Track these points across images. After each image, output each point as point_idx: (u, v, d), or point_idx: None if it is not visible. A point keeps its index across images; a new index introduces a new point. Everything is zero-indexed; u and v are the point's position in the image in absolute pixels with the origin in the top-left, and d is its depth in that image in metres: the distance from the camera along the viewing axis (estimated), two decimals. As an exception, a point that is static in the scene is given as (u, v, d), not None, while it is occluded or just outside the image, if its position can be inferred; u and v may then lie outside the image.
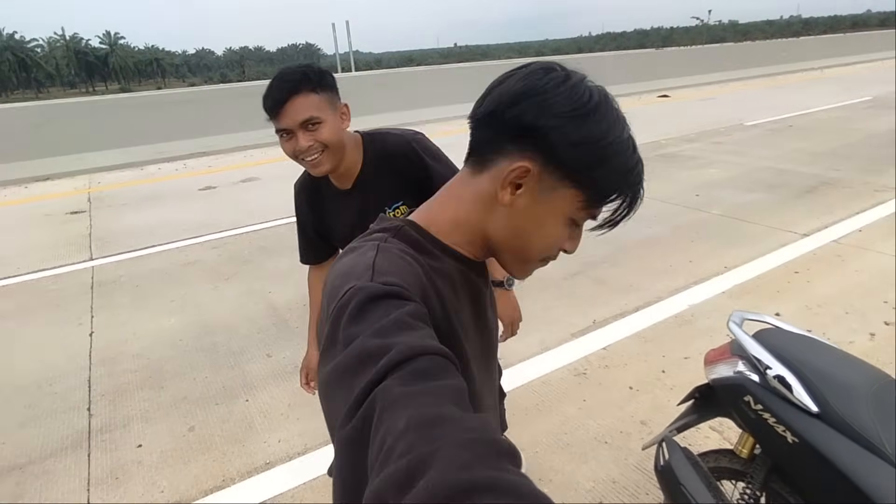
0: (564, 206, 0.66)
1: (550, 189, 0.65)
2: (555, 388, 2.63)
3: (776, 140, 8.21)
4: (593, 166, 0.63)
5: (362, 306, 0.56)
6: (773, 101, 12.44)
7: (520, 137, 0.64)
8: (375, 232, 0.70)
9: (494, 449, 0.43)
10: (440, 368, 0.51)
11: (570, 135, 0.62)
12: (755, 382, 1.30)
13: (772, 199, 5.37)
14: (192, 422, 2.60)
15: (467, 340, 0.71)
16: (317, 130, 1.28)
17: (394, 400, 0.46)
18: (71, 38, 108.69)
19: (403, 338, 0.52)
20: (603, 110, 0.64)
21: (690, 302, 3.38)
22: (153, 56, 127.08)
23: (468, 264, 0.74)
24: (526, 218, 0.67)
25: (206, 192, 7.12)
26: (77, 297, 4.09)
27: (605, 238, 3.36)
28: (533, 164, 0.64)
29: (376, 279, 0.59)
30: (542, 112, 0.62)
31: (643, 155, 0.70)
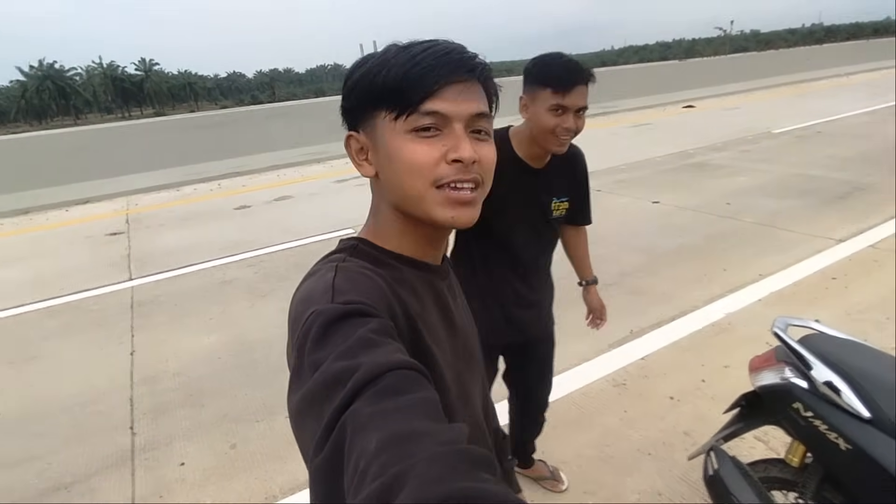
0: (388, 129, 0.66)
1: (372, 129, 0.68)
2: (595, 400, 2.61)
3: (805, 147, 8.06)
4: (370, 84, 0.66)
5: (325, 330, 0.55)
6: (799, 108, 12.24)
7: (347, 126, 0.72)
8: (332, 254, 0.72)
9: (468, 459, 0.42)
10: (409, 382, 0.50)
11: (346, 88, 0.69)
12: (804, 389, 1.28)
13: (804, 205, 5.27)
14: (234, 439, 2.64)
15: (438, 346, 0.70)
16: (580, 118, 1.46)
17: (364, 422, 0.46)
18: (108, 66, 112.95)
19: (369, 356, 0.51)
20: (378, 53, 0.68)
21: (727, 310, 3.33)
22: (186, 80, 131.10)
23: (428, 269, 0.74)
24: (384, 167, 0.68)
25: (241, 211, 7.29)
26: (118, 316, 4.22)
27: (638, 247, 3.38)
28: (353, 129, 0.70)
29: (337, 300, 0.59)
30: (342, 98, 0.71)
31: (673, 165, 0.71)
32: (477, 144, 0.66)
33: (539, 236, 1.70)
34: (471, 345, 0.82)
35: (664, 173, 7.21)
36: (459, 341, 0.77)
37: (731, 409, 1.56)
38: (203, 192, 8.90)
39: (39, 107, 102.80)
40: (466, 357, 0.79)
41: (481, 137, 0.67)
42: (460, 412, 0.72)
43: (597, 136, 10.94)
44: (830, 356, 1.27)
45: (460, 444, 0.44)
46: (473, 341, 0.83)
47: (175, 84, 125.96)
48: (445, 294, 0.76)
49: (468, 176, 0.65)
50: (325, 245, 4.40)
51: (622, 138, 10.50)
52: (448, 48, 0.65)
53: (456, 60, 0.64)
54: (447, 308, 0.76)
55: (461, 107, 0.64)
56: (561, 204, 1.66)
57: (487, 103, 0.69)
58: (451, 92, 0.63)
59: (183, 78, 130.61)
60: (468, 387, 0.77)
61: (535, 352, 1.88)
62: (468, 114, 0.65)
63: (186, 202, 8.25)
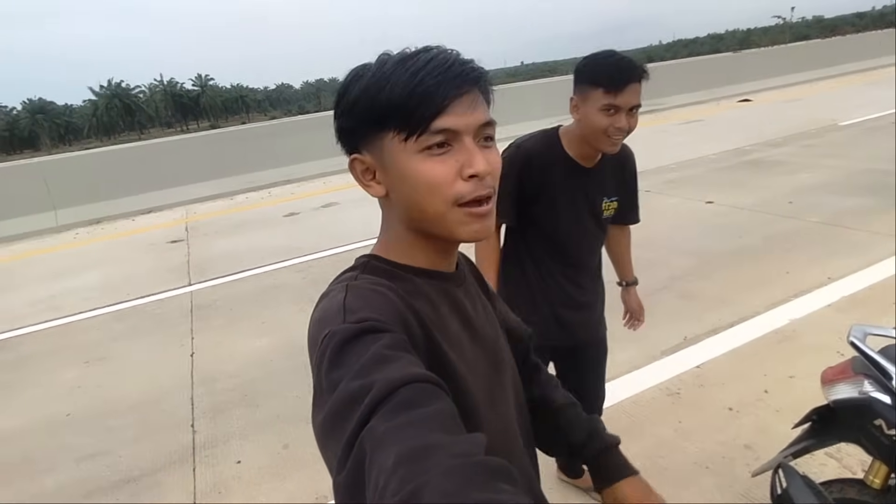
0: (397, 149, 0.64)
1: (380, 150, 0.66)
2: (646, 409, 2.52)
3: (877, 139, 7.55)
4: (372, 103, 0.64)
5: (339, 350, 0.56)
6: (870, 97, 11.48)
7: (343, 147, 0.71)
8: (346, 272, 0.72)
9: (485, 470, 0.43)
10: (424, 395, 0.50)
11: (344, 107, 0.67)
12: (886, 404, 1.18)
13: (877, 203, 4.92)
14: (286, 439, 2.71)
15: (460, 355, 0.70)
16: (633, 117, 1.44)
17: (381, 438, 0.46)
18: (168, 83, 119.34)
19: (384, 373, 0.52)
20: (370, 66, 0.66)
21: (792, 316, 3.14)
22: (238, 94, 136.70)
23: (442, 277, 0.74)
24: (397, 187, 0.67)
25: (290, 218, 7.50)
26: (179, 319, 4.41)
27: (689, 250, 3.25)
28: (357, 151, 0.69)
29: (348, 319, 0.59)
30: (334, 118, 0.70)
31: (727, 163, 0.66)
32: (485, 153, 0.66)
33: (590, 237, 1.68)
34: (497, 349, 0.81)
35: (718, 172, 6.92)
36: (488, 348, 0.77)
37: (800, 424, 1.46)
38: (255, 200, 9.21)
39: (108, 123, 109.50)
40: (494, 362, 0.79)
41: (487, 144, 0.68)
42: (487, 419, 0.71)
43: (643, 135, 10.53)
44: None
45: (476, 455, 0.45)
46: (499, 345, 0.82)
47: (228, 97, 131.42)
48: (463, 300, 0.76)
49: (485, 191, 0.66)
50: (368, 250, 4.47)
51: (671, 136, 10.15)
52: (447, 60, 0.64)
53: (459, 73, 0.63)
54: (466, 314, 0.76)
55: (469, 119, 0.64)
56: (611, 204, 1.65)
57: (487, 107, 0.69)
58: (459, 106, 0.63)
59: (235, 91, 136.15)
60: (496, 393, 0.77)
61: (584, 356, 1.84)
62: (476, 125, 0.65)
63: (240, 210, 8.55)
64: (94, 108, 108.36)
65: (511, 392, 0.82)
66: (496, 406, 0.76)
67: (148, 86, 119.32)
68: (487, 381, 0.75)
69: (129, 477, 2.59)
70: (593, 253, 1.71)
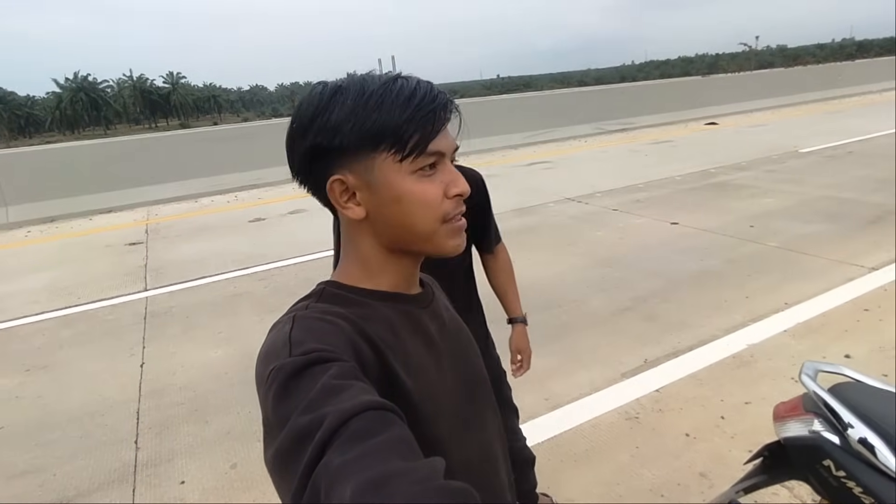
0: (391, 170, 0.66)
1: (369, 171, 0.66)
2: (605, 433, 2.50)
3: (835, 167, 7.83)
4: (368, 123, 0.64)
5: (286, 384, 0.55)
6: (829, 126, 11.95)
7: (312, 167, 0.68)
8: (300, 301, 0.71)
9: (446, 494, 0.43)
10: (378, 423, 0.50)
11: (328, 126, 0.65)
12: (835, 445, 1.17)
13: (834, 229, 5.08)
14: (235, 458, 2.60)
15: (422, 379, 0.69)
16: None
17: (336, 473, 0.45)
18: (138, 79, 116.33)
19: (333, 405, 0.51)
20: (345, 86, 0.66)
21: (749, 341, 3.18)
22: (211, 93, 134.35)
23: (403, 300, 0.73)
24: (387, 207, 0.67)
25: (255, 224, 7.33)
26: (131, 327, 4.23)
27: (654, 271, 3.26)
28: (337, 171, 0.67)
29: (294, 352, 0.58)
30: (303, 135, 0.67)
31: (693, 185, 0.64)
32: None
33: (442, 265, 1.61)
34: (470, 371, 0.80)
35: (684, 193, 7.05)
36: (454, 369, 0.76)
37: (752, 460, 1.45)
38: (220, 203, 8.99)
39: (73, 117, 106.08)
40: (466, 383, 0.77)
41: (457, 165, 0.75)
42: (453, 443, 0.70)
43: (615, 154, 10.82)
44: (866, 409, 1.16)
45: (435, 480, 0.44)
46: (473, 367, 0.81)
47: (200, 97, 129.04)
48: (427, 323, 0.75)
49: (462, 208, 0.71)
50: (334, 264, 4.22)
51: (641, 156, 10.35)
52: (432, 89, 0.67)
53: (444, 102, 0.67)
54: (430, 337, 0.74)
55: (450, 144, 0.69)
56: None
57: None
58: (444, 132, 0.68)
59: (208, 91, 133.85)
60: (468, 416, 0.76)
61: None
62: (453, 149, 0.70)
63: (204, 213, 8.34)
64: (57, 100, 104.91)
65: (488, 414, 0.81)
66: (469, 430, 0.75)
67: (116, 81, 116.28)
68: (456, 405, 0.74)
69: (63, 497, 2.44)
70: (455, 274, 1.59)
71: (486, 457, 0.78)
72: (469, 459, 0.73)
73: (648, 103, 15.30)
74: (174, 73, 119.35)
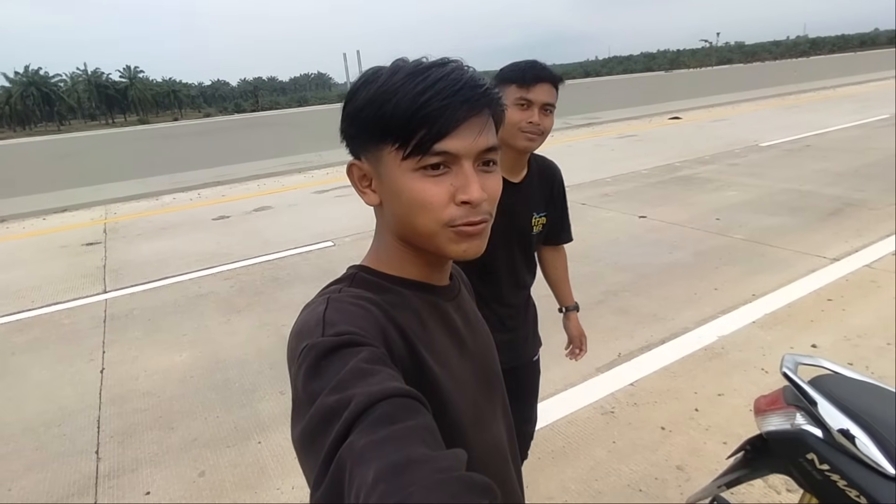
0: (393, 164, 0.64)
1: (378, 161, 0.66)
2: (582, 429, 2.49)
3: (794, 161, 8.07)
4: (376, 115, 0.63)
5: (318, 363, 0.56)
6: (787, 120, 12.33)
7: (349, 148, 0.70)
8: (332, 284, 0.71)
9: (467, 485, 0.43)
10: (404, 410, 0.50)
11: (349, 112, 0.66)
12: (818, 438, 1.17)
13: (796, 222, 5.23)
14: (203, 466, 2.50)
15: (445, 368, 0.69)
16: (547, 116, 1.45)
17: (360, 454, 0.46)
18: (93, 73, 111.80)
19: (362, 387, 0.51)
20: (382, 73, 0.64)
21: (720, 333, 3.23)
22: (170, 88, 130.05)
23: (432, 291, 0.73)
24: (390, 200, 0.67)
25: (220, 222, 7.12)
26: (90, 331, 4.04)
27: (624, 265, 3.24)
28: (356, 157, 0.68)
29: (327, 332, 0.59)
30: (341, 118, 0.68)
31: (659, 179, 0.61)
32: (484, 178, 0.65)
33: (519, 253, 1.61)
34: (487, 365, 0.80)
35: (651, 187, 7.16)
36: (473, 362, 0.76)
37: (734, 454, 1.45)
38: (182, 201, 8.71)
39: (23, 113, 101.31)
40: (483, 379, 0.78)
41: (489, 169, 0.66)
42: (472, 435, 0.70)
43: (583, 148, 10.92)
44: (847, 402, 1.16)
45: (458, 470, 0.44)
46: (490, 362, 0.82)
47: (159, 92, 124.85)
48: (453, 315, 0.75)
49: (478, 217, 0.64)
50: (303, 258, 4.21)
51: (607, 150, 10.48)
52: (459, 79, 0.62)
53: (468, 97, 0.62)
54: (455, 329, 0.75)
55: (471, 144, 0.63)
56: (539, 219, 1.61)
57: (496, 130, 0.67)
58: (463, 130, 0.62)
59: (167, 86, 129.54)
60: (484, 409, 0.76)
61: (516, 379, 1.75)
62: (477, 150, 0.63)
63: (166, 211, 8.06)
64: (7, 95, 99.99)
65: (500, 410, 0.82)
66: (483, 423, 0.75)
67: (70, 75, 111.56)
68: (475, 398, 0.74)
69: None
70: (521, 271, 1.64)
71: (499, 450, 0.78)
72: (486, 451, 0.74)
73: (613, 98, 15.51)
74: (131, 68, 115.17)
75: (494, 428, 0.78)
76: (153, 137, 11.02)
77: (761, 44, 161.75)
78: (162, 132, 11.50)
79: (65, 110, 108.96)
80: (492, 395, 0.79)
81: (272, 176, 9.96)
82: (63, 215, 8.32)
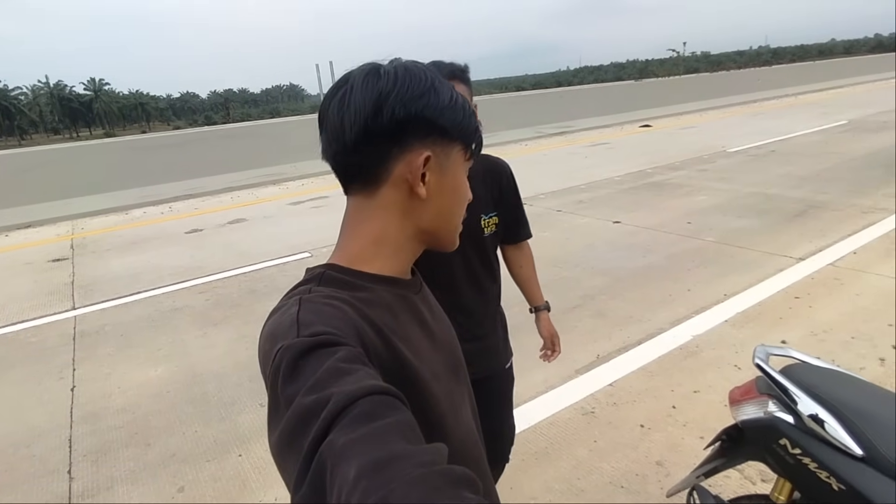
0: (458, 163, 0.71)
1: (446, 157, 0.69)
2: (563, 430, 2.52)
3: (760, 165, 8.33)
4: (460, 118, 0.69)
5: (294, 364, 0.55)
6: (752, 127, 12.73)
7: (401, 135, 0.66)
8: (298, 286, 0.70)
9: (449, 479, 0.43)
10: (383, 406, 0.50)
11: (438, 104, 0.67)
12: (790, 424, 1.22)
13: (763, 223, 5.39)
14: (182, 481, 2.44)
15: (423, 362, 0.70)
16: None
17: (341, 452, 0.46)
18: (55, 86, 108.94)
19: (340, 386, 0.51)
20: (439, 78, 0.69)
21: (694, 332, 3.31)
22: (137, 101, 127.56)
23: (401, 285, 0.74)
24: (444, 195, 0.71)
25: (193, 235, 7.01)
26: (58, 349, 3.93)
27: (600, 269, 3.30)
28: (428, 148, 0.67)
29: (302, 333, 0.59)
30: (408, 102, 0.65)
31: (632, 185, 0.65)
32: None
33: (475, 257, 1.57)
34: (454, 355, 0.82)
35: (624, 193, 7.30)
36: (443, 352, 0.78)
37: (711, 444, 1.49)
38: (153, 215, 8.54)
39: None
40: (452, 368, 0.80)
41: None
42: (451, 424, 0.72)
43: (556, 156, 11.08)
44: (816, 388, 1.21)
45: (439, 464, 0.44)
46: (456, 351, 0.84)
47: (126, 104, 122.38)
48: (420, 307, 0.77)
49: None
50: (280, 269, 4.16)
51: (580, 157, 10.66)
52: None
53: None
54: (424, 320, 0.77)
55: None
56: (490, 220, 1.58)
57: None
58: None
59: (134, 98, 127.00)
60: (456, 397, 0.78)
61: (481, 389, 1.74)
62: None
63: (136, 226, 7.89)
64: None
65: (467, 397, 0.84)
66: (458, 411, 0.77)
67: (31, 87, 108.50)
68: (449, 387, 0.76)
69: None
70: (480, 276, 1.60)
71: (471, 434, 0.80)
72: (463, 437, 0.76)
73: (585, 107, 15.83)
74: (96, 80, 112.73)
75: (466, 415, 0.81)
76: (121, 150, 10.85)
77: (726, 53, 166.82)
78: (130, 145, 11.33)
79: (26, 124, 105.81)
80: (460, 383, 0.82)
81: (246, 188, 9.85)
82: (27, 231, 8.08)
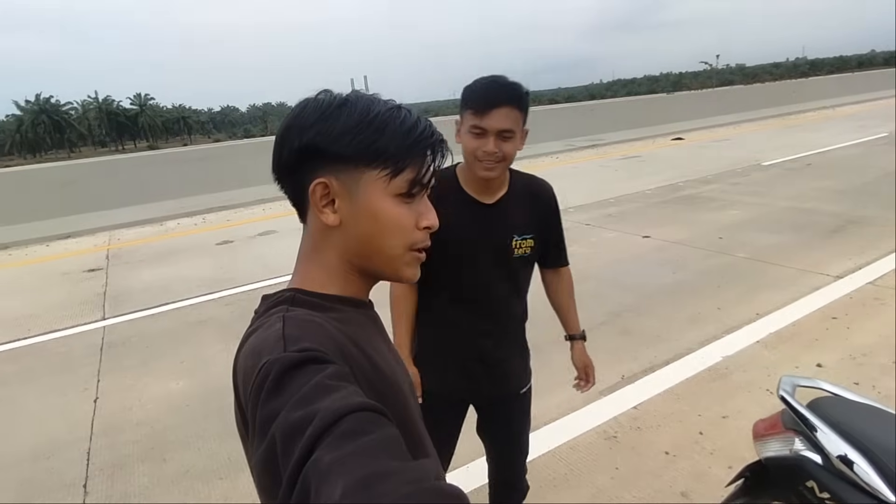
0: (377, 188, 0.67)
1: (355, 183, 0.67)
2: (584, 455, 2.42)
3: (796, 179, 8.04)
4: (370, 141, 0.66)
5: (280, 378, 0.54)
6: (787, 140, 12.34)
7: (300, 165, 0.68)
8: (270, 308, 0.70)
9: (437, 495, 0.43)
10: (369, 423, 0.49)
11: (332, 132, 0.66)
12: (817, 465, 1.12)
13: (798, 239, 5.17)
14: (195, 499, 2.43)
15: (395, 373, 0.73)
16: (506, 142, 1.34)
17: (326, 471, 0.44)
18: (103, 101, 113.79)
19: (326, 402, 0.50)
20: (352, 100, 0.68)
21: (724, 353, 3.16)
22: (180, 114, 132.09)
23: (364, 305, 0.76)
24: (361, 222, 0.68)
25: (223, 247, 7.13)
26: (85, 359, 4.00)
27: (627, 285, 3.18)
28: (324, 175, 0.67)
29: (290, 348, 0.58)
30: (302, 133, 0.67)
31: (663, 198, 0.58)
32: None
33: (498, 279, 1.50)
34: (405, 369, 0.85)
35: (654, 207, 7.13)
36: (400, 365, 0.80)
37: (734, 481, 1.39)
38: (187, 226, 8.74)
39: (34, 140, 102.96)
40: (408, 383, 0.82)
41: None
42: (421, 428, 0.75)
43: (586, 169, 10.94)
44: (845, 425, 1.11)
45: (428, 481, 0.44)
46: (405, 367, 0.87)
47: (169, 118, 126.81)
48: (380, 325, 0.80)
49: (428, 242, 0.73)
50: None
51: (611, 171, 10.50)
52: (431, 125, 0.70)
53: (431, 134, 0.69)
54: (385, 336, 0.80)
55: (430, 177, 0.71)
56: (524, 242, 1.49)
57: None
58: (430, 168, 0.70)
59: (177, 112, 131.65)
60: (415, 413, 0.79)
61: (498, 411, 1.65)
62: (432, 183, 0.72)
63: (169, 237, 8.08)
64: (18, 123, 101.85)
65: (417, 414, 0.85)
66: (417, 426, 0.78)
67: (81, 102, 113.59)
68: (413, 393, 0.80)
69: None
70: (503, 298, 1.54)
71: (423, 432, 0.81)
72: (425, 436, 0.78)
73: (617, 120, 15.63)
74: (142, 95, 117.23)
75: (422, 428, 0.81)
76: (161, 163, 11.18)
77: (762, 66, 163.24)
78: (170, 157, 11.67)
79: (75, 137, 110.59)
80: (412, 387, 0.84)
81: (278, 200, 9.94)
82: (66, 241, 8.36)
